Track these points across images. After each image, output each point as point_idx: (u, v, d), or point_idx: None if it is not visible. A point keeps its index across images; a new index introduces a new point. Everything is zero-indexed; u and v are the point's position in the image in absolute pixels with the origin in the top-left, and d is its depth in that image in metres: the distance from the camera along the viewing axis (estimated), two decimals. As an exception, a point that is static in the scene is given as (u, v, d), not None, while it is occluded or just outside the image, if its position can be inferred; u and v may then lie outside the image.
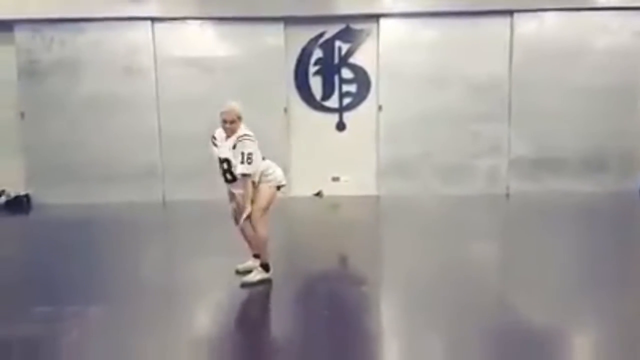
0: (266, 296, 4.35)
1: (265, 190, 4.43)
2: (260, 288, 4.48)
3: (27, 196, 9.00)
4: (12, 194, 8.98)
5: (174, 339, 3.59)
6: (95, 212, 8.27)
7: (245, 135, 4.29)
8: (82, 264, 5.44)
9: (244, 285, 4.45)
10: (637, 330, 3.58)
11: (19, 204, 8.90)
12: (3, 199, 9.01)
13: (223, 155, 4.40)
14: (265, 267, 4.56)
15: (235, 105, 4.31)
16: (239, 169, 4.27)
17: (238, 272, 4.72)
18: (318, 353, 3.32)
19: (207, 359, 3.41)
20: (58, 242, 6.51)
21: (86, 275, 5.02)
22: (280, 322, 3.84)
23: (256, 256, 4.67)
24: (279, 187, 4.56)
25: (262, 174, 4.42)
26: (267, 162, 4.49)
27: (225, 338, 3.69)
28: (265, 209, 4.45)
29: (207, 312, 4.11)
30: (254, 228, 4.45)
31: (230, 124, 4.28)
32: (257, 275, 4.52)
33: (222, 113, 4.30)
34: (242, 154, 4.21)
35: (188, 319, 3.94)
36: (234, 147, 4.28)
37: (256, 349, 3.46)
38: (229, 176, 4.44)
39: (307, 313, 4.05)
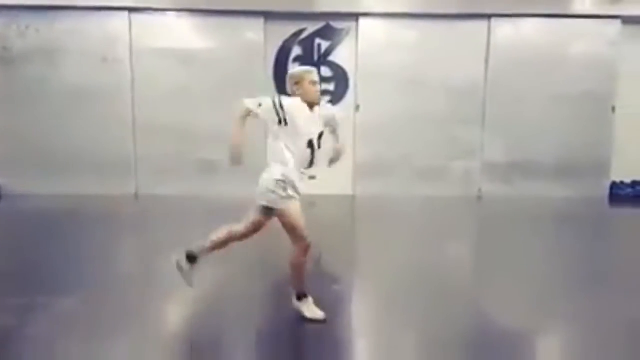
0: (239, 292, 4.33)
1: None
2: (231, 284, 4.50)
3: (-3, 185, 8.84)
4: (-18, 183, 8.81)
5: (145, 331, 3.58)
6: (66, 203, 8.17)
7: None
8: (53, 256, 5.37)
9: None
10: (605, 332, 3.66)
11: (-11, 193, 8.74)
12: (-28, 187, 8.84)
13: (317, 133, 3.61)
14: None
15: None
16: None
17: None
18: (286, 350, 3.33)
19: (176, 353, 3.40)
20: (29, 234, 6.40)
21: (57, 267, 4.96)
22: (251, 318, 3.82)
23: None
24: None
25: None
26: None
27: (197, 331, 3.66)
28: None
29: (177, 306, 4.08)
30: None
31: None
32: None
33: (311, 72, 3.54)
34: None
35: (160, 312, 3.92)
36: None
37: (225, 345, 3.45)
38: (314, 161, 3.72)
39: (278, 310, 4.04)
